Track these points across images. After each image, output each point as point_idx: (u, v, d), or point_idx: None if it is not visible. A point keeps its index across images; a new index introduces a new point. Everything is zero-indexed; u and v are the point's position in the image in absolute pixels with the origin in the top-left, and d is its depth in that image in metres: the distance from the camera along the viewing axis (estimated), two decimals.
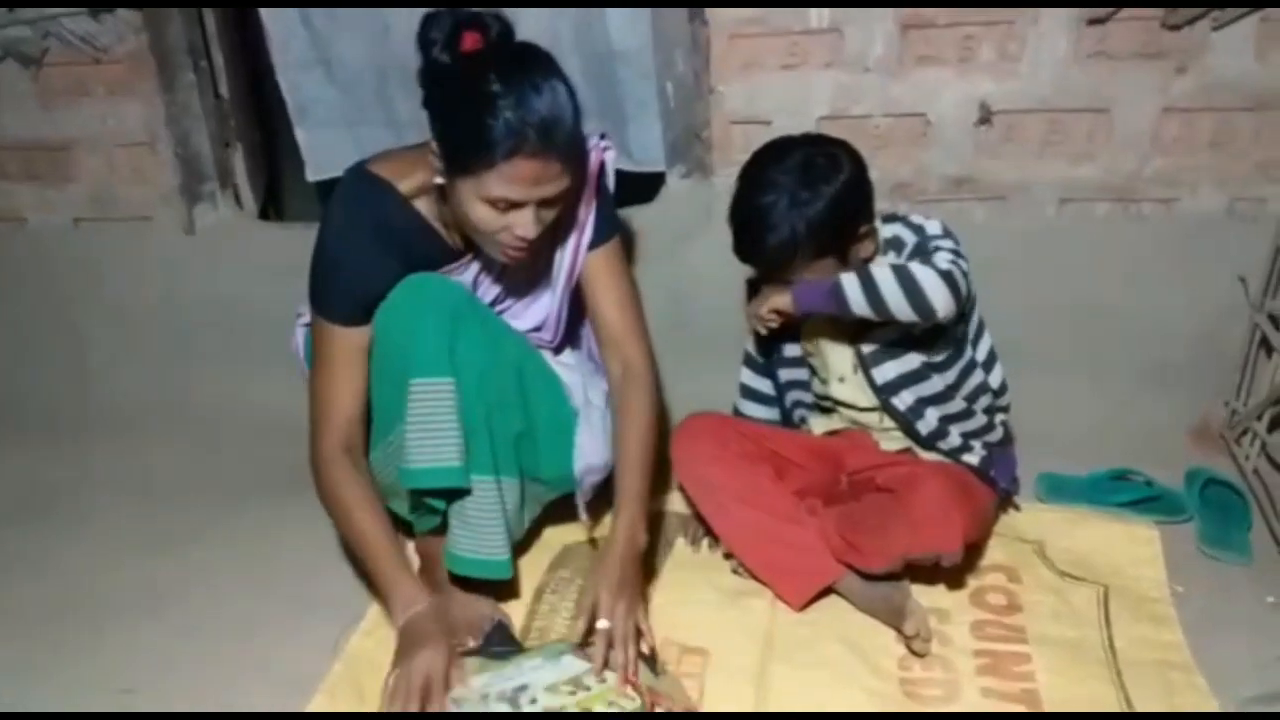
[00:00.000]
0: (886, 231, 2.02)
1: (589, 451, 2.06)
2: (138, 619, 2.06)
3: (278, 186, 3.14)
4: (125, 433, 2.76)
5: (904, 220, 2.04)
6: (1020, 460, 2.23)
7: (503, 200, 1.71)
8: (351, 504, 1.85)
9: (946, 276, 1.85)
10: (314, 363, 1.93)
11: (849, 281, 1.89)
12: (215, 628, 2.03)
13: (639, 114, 2.68)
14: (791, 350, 2.17)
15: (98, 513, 2.43)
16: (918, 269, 1.86)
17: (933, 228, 2.00)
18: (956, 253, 1.93)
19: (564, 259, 2.00)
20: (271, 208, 3.07)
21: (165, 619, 2.06)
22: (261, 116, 3.03)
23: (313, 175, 2.88)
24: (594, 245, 2.01)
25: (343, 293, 1.87)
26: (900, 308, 1.86)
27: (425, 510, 1.96)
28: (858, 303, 1.88)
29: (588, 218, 1.99)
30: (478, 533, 1.91)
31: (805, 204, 1.87)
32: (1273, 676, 1.79)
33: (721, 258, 2.47)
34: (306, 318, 2.11)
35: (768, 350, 2.20)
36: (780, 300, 1.98)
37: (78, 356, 2.93)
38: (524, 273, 2.00)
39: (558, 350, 2.16)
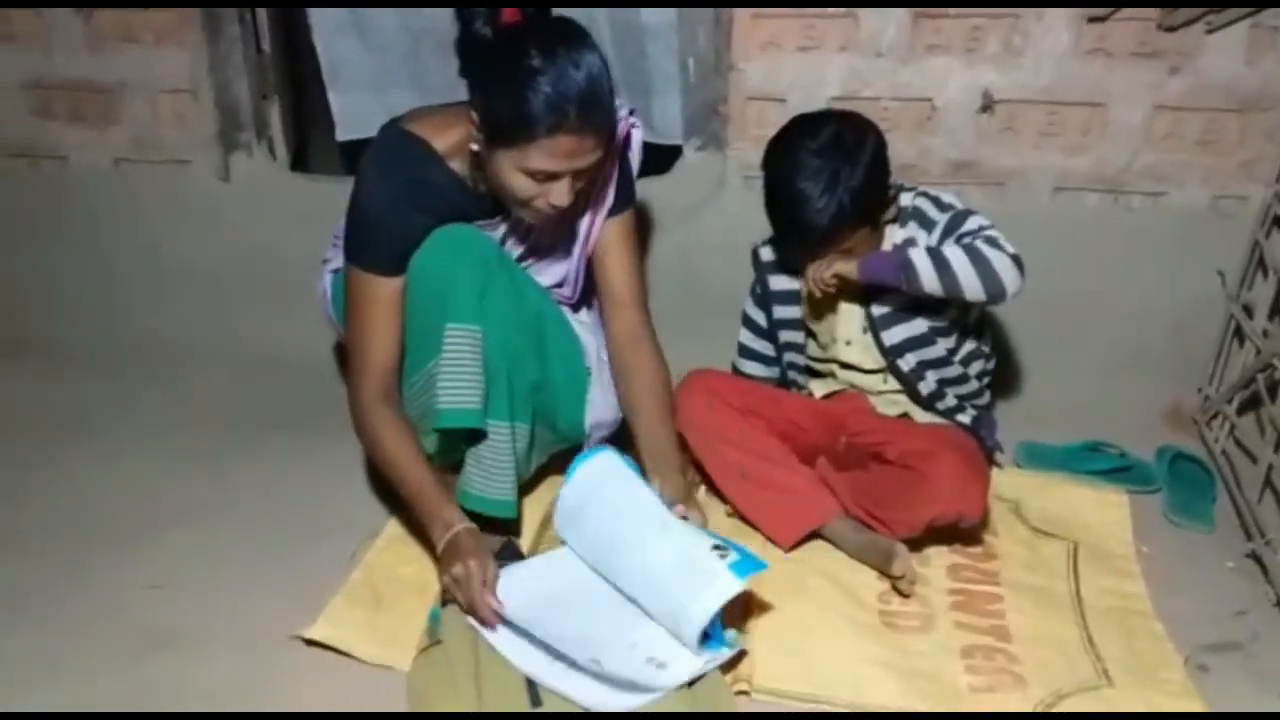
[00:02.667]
0: (903, 200, 2.14)
1: (600, 407, 2.17)
2: (167, 527, 2.18)
3: (303, 143, 3.25)
4: (157, 366, 2.87)
5: (918, 191, 2.15)
6: (1002, 428, 2.36)
7: (541, 172, 1.81)
8: (392, 445, 1.94)
9: (1016, 260, 1.99)
10: (350, 312, 2.00)
11: (920, 258, 1.99)
12: (240, 537, 2.15)
13: (662, 88, 2.80)
14: (790, 313, 2.27)
15: (131, 437, 2.53)
16: (990, 251, 1.97)
17: (950, 198, 2.13)
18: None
19: (585, 223, 2.11)
20: (298, 162, 3.17)
21: (192, 528, 2.18)
22: (292, 74, 3.14)
23: (342, 135, 2.98)
24: (612, 213, 2.12)
25: (379, 245, 1.95)
26: (972, 287, 1.97)
27: (448, 447, 2.05)
28: (929, 280, 1.98)
29: (609, 186, 2.10)
30: (488, 474, 2.01)
31: (848, 178, 1.96)
32: (1228, 628, 1.93)
33: (731, 226, 2.62)
34: (334, 264, 2.21)
35: (768, 310, 2.30)
36: (845, 268, 2.06)
37: (113, 293, 3.03)
38: (549, 234, 2.10)
39: (575, 308, 2.27)
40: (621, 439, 2.23)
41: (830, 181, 1.97)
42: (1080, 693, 1.74)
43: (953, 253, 1.98)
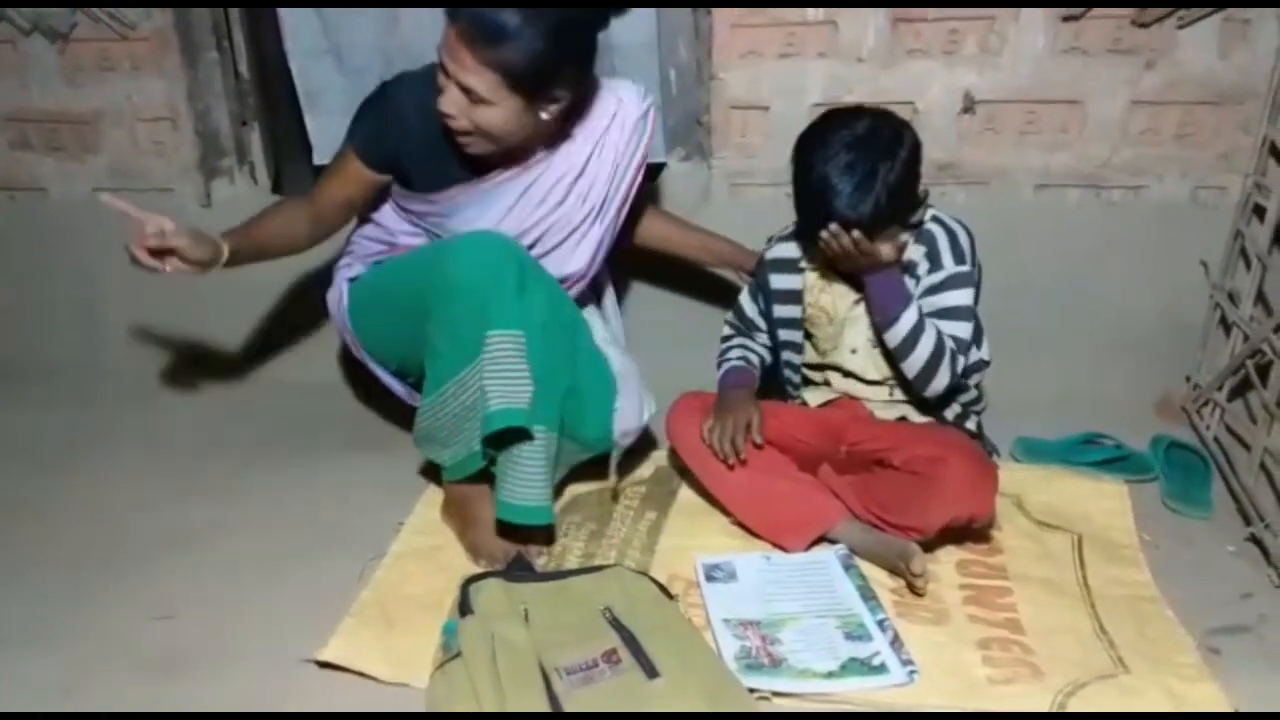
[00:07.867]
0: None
1: (627, 415, 2.17)
2: (171, 554, 2.16)
3: (278, 169, 3.22)
4: (143, 396, 2.86)
5: (933, 213, 2.14)
6: (998, 426, 2.37)
7: (442, 68, 1.94)
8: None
9: (954, 376, 2.07)
10: (324, 176, 2.21)
11: (906, 321, 2.03)
12: (245, 562, 2.13)
13: None
14: (791, 312, 2.25)
15: (120, 465, 2.52)
16: (945, 365, 2.05)
17: (963, 239, 2.12)
18: (975, 315, 2.11)
19: (614, 189, 2.17)
20: (274, 188, 3.15)
21: (197, 554, 2.16)
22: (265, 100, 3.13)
23: (320, 159, 2.96)
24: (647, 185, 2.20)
25: (381, 136, 2.11)
26: (911, 370, 2.07)
27: (468, 458, 2.07)
28: (894, 339, 2.06)
29: (633, 156, 2.16)
30: (530, 480, 2.01)
31: (886, 174, 1.93)
32: (1235, 612, 1.95)
33: None
34: (351, 271, 2.23)
35: (769, 308, 2.28)
36: (876, 257, 2.02)
37: (96, 324, 3.02)
38: (559, 207, 2.15)
39: (582, 303, 2.28)
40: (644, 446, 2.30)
41: (867, 177, 1.93)
42: (1098, 681, 1.75)
43: (926, 340, 2.04)
